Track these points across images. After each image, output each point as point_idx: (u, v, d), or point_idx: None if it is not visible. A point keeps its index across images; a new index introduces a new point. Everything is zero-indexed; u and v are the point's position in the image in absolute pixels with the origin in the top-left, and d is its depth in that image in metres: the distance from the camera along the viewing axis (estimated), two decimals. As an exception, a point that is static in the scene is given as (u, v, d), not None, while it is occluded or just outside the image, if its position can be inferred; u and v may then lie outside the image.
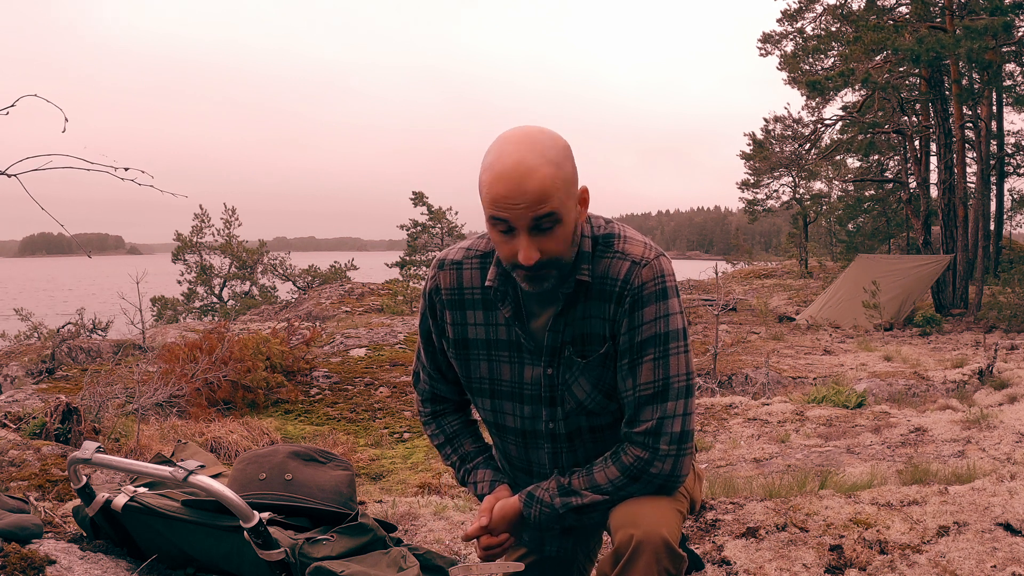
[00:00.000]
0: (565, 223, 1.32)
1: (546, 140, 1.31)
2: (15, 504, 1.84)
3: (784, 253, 33.84)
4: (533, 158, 1.28)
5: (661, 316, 1.39)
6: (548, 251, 1.33)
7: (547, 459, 1.56)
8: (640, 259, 1.39)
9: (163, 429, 5.80)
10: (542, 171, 1.28)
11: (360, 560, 1.56)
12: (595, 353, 1.43)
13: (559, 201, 1.29)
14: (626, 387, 1.43)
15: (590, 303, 1.42)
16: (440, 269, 1.54)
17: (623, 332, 1.40)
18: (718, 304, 9.71)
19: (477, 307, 1.51)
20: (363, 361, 9.38)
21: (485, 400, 1.57)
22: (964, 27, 14.05)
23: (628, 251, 1.41)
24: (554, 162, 1.29)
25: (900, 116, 20.16)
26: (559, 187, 1.29)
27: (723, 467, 4.68)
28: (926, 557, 2.32)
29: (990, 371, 7.53)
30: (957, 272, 15.67)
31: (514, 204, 1.28)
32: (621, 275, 1.39)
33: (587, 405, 1.48)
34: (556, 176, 1.29)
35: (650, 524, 1.34)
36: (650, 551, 1.31)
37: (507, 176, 1.28)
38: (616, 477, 1.44)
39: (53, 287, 53.12)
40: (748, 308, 17.34)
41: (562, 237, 1.33)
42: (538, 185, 1.27)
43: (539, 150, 1.29)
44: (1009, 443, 4.48)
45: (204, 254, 22.14)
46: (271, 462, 1.61)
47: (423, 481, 5.07)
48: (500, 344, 1.50)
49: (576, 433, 1.52)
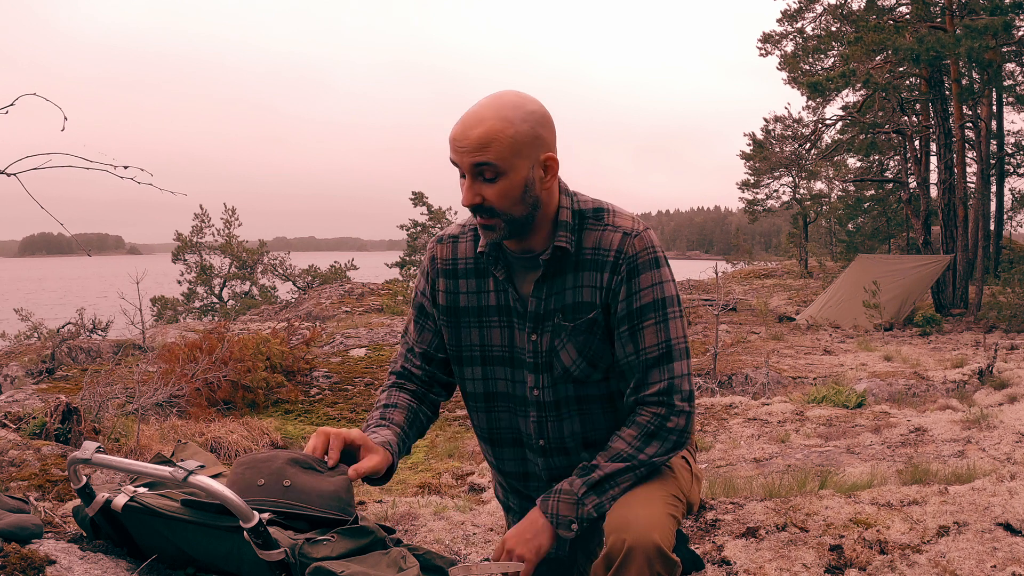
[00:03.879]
0: (510, 178, 1.40)
1: (513, 101, 1.41)
2: (15, 504, 1.84)
3: (784, 253, 33.86)
4: (488, 112, 1.39)
5: (657, 283, 1.45)
6: (489, 198, 1.42)
7: (533, 428, 1.57)
8: (631, 230, 1.47)
9: (163, 429, 5.80)
10: (490, 123, 1.37)
11: (360, 560, 1.56)
12: (582, 319, 1.48)
13: (499, 154, 1.38)
14: (627, 353, 1.48)
15: (580, 273, 1.49)
16: (438, 243, 1.64)
17: (621, 299, 1.46)
18: (718, 304, 9.71)
19: (469, 276, 1.58)
20: (363, 361, 9.39)
21: (476, 368, 1.61)
22: (964, 27, 14.05)
23: (619, 224, 1.48)
24: (508, 119, 1.38)
25: (900, 116, 20.16)
26: (503, 142, 1.37)
27: (723, 467, 4.68)
28: (926, 557, 2.32)
29: (990, 371, 7.53)
30: (957, 272, 15.67)
31: (459, 146, 1.40)
32: (614, 245, 1.46)
33: (572, 372, 1.52)
34: (503, 131, 1.37)
35: (642, 529, 1.33)
36: (642, 556, 1.31)
37: (461, 121, 1.41)
38: (633, 437, 1.46)
39: (51, 287, 53.11)
40: (748, 308, 17.33)
41: (504, 190, 1.41)
42: (480, 134, 1.37)
43: (498, 107, 1.39)
44: (1009, 443, 4.48)
45: (204, 254, 22.13)
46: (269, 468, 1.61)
47: (423, 481, 5.07)
48: (490, 310, 1.56)
49: (564, 402, 1.55)
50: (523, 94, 1.44)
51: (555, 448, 1.58)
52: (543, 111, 1.44)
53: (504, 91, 1.44)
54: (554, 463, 1.59)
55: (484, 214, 1.44)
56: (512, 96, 1.42)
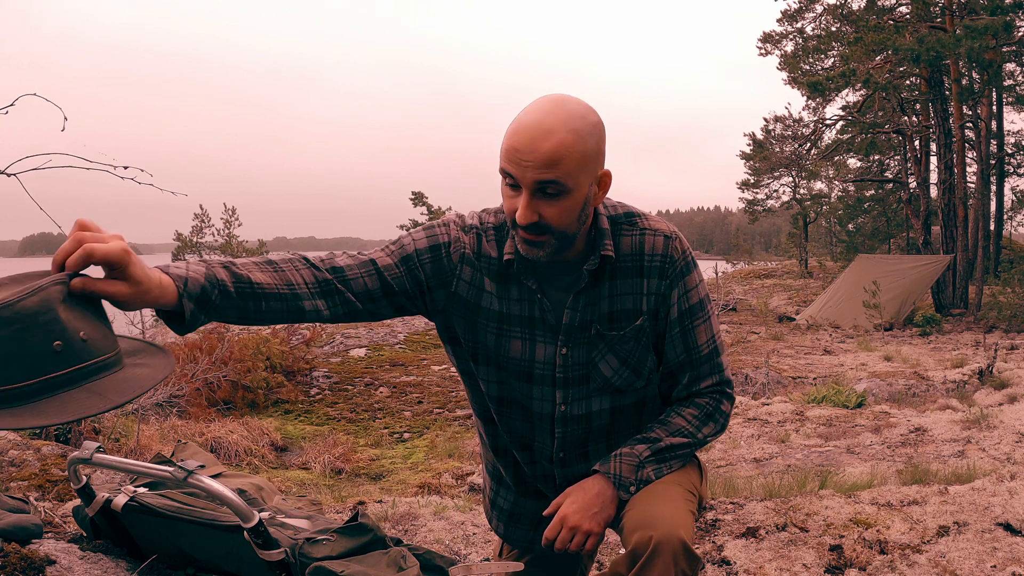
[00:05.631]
0: (574, 196, 1.30)
1: (577, 110, 1.29)
2: (15, 504, 1.84)
3: (784, 253, 33.85)
4: (555, 122, 1.26)
5: (698, 283, 1.48)
6: (548, 217, 1.30)
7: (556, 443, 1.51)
8: (671, 233, 1.46)
9: (163, 429, 5.80)
10: (559, 135, 1.25)
11: (360, 560, 1.56)
12: (629, 326, 1.45)
13: (568, 171, 1.27)
14: (678, 353, 1.48)
15: (617, 281, 1.43)
16: (463, 231, 1.46)
17: (673, 303, 1.45)
18: (718, 304, 9.70)
19: (493, 278, 1.45)
20: (363, 361, 9.39)
21: (492, 370, 1.50)
22: (964, 27, 14.05)
23: (656, 227, 1.45)
24: (576, 131, 1.27)
25: (900, 116, 20.16)
26: (573, 157, 1.27)
27: (723, 467, 4.68)
28: (926, 557, 2.32)
29: (990, 371, 7.52)
30: (957, 272, 15.67)
31: (523, 160, 1.26)
32: (659, 249, 1.43)
33: (614, 382, 1.47)
34: (573, 145, 1.26)
35: (668, 525, 1.32)
36: (668, 552, 1.30)
37: (524, 131, 1.26)
38: (694, 416, 1.49)
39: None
40: (748, 308, 17.33)
41: (566, 208, 1.31)
42: (551, 148, 1.25)
43: (565, 116, 1.27)
44: (1009, 443, 4.48)
45: (204, 254, 22.13)
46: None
47: (423, 481, 5.07)
48: (513, 319, 1.45)
49: (596, 415, 1.49)
50: (583, 102, 1.33)
51: (575, 456, 1.53)
52: (602, 124, 1.36)
53: (563, 96, 1.32)
54: (573, 472, 1.54)
55: (537, 231, 1.32)
56: (576, 104, 1.30)
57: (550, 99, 1.31)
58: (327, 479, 5.46)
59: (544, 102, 1.30)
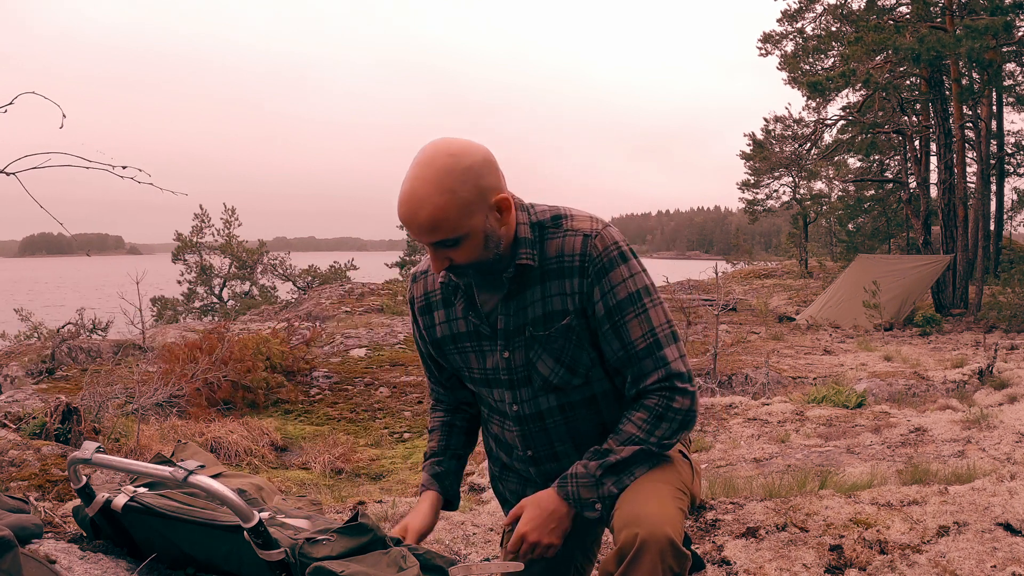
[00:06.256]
0: (470, 239, 1.39)
1: (446, 163, 1.34)
2: (15, 504, 1.84)
3: (784, 253, 33.85)
4: (425, 189, 1.33)
5: (628, 276, 1.46)
6: (457, 260, 1.42)
7: (519, 442, 1.62)
8: (591, 231, 1.47)
9: (163, 429, 5.80)
10: (431, 202, 1.33)
11: (360, 560, 1.56)
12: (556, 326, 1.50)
13: (452, 227, 1.35)
14: (615, 350, 1.49)
15: (547, 283, 1.49)
16: (413, 282, 1.69)
17: (596, 300, 1.47)
18: (718, 304, 9.71)
19: (440, 307, 1.62)
20: (363, 361, 9.39)
21: (479, 388, 1.66)
22: (964, 26, 14.05)
23: (577, 227, 1.48)
24: (448, 190, 1.33)
25: (900, 116, 20.16)
26: (451, 215, 1.34)
27: (723, 467, 4.68)
28: (926, 557, 2.32)
29: (990, 371, 7.52)
30: (957, 272, 15.67)
31: (410, 229, 1.38)
32: (577, 249, 1.46)
33: (552, 381, 1.54)
34: (447, 206, 1.33)
35: (655, 523, 1.35)
36: (655, 549, 1.32)
37: (403, 203, 1.36)
38: (643, 421, 1.48)
39: (51, 287, 53.09)
40: (748, 308, 17.33)
41: (469, 249, 1.40)
42: (427, 217, 1.34)
43: (434, 178, 1.33)
44: (1009, 443, 4.48)
45: (204, 254, 22.14)
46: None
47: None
48: (462, 336, 1.59)
49: (547, 413, 1.57)
50: (452, 147, 1.36)
51: (545, 456, 1.62)
52: (479, 157, 1.38)
53: (435, 149, 1.36)
54: (546, 469, 1.63)
55: (454, 272, 1.46)
56: (443, 158, 1.34)
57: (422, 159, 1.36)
58: (327, 479, 5.47)
59: (416, 166, 1.36)
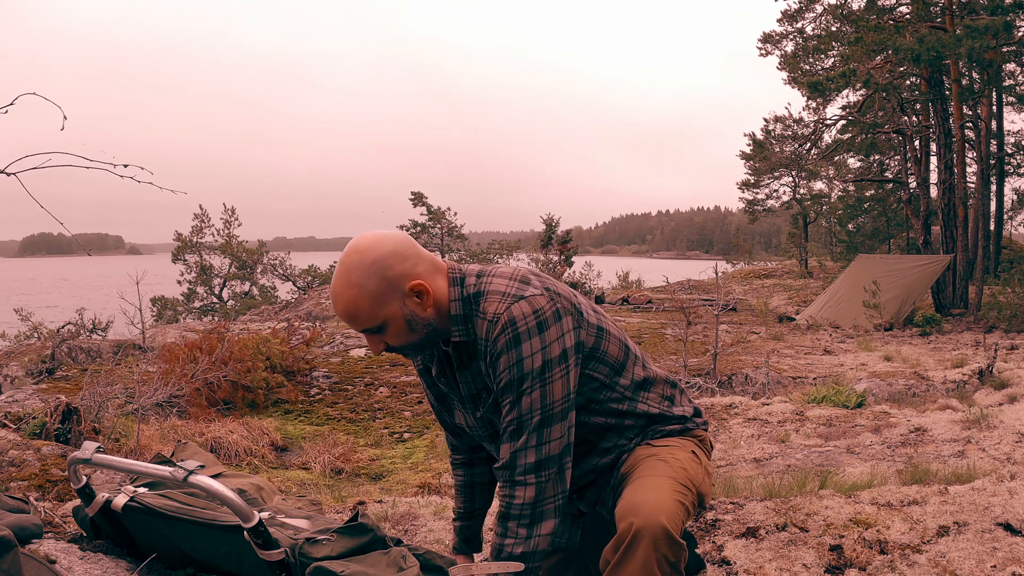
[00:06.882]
0: (391, 324, 1.50)
1: (352, 260, 1.47)
2: (15, 504, 1.84)
3: (784, 253, 33.84)
4: (337, 283, 1.48)
5: (513, 363, 1.48)
6: (391, 343, 1.54)
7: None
8: (492, 316, 1.50)
9: (163, 429, 5.80)
10: (344, 296, 1.46)
11: (360, 560, 1.56)
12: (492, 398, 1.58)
13: (368, 316, 1.47)
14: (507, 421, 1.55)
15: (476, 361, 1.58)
16: None
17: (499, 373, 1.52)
18: (718, 304, 9.70)
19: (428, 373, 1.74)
20: (363, 361, 9.39)
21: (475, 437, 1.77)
22: (965, 26, 14.05)
23: (485, 310, 1.52)
24: (356, 284, 1.45)
25: (900, 116, 20.15)
26: (363, 306, 1.46)
27: (723, 467, 4.68)
28: (926, 557, 2.32)
29: (990, 371, 7.52)
30: (957, 272, 15.67)
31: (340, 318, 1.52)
32: (483, 334, 1.52)
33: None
34: (358, 298, 1.46)
35: (650, 512, 1.39)
36: (648, 538, 1.35)
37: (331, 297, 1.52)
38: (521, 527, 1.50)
39: (51, 287, 53.07)
40: (748, 308, 17.33)
41: (395, 333, 1.51)
42: (343, 309, 1.48)
43: (344, 275, 1.47)
44: (1009, 443, 4.48)
45: (204, 254, 22.14)
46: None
47: (423, 481, 5.07)
48: (444, 397, 1.74)
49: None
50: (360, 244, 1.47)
51: None
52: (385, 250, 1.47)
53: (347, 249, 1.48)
54: None
55: (396, 352, 1.58)
56: (351, 256, 1.47)
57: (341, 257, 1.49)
58: (327, 479, 5.46)
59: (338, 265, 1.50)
